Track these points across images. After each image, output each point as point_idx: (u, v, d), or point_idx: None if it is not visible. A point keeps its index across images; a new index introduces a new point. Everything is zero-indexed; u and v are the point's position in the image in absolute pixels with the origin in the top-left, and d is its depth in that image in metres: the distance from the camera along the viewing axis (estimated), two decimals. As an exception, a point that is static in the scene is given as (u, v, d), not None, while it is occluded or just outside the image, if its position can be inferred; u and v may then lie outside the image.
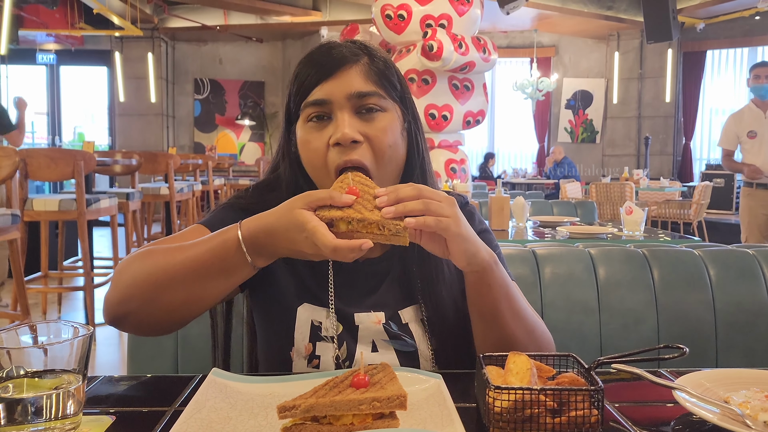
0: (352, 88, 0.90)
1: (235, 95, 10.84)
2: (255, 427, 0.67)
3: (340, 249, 0.73)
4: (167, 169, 5.01)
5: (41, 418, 0.64)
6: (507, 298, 0.88)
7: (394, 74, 0.96)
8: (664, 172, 9.67)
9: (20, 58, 9.58)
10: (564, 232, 2.73)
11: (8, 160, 3.04)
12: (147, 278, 0.82)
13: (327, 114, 0.91)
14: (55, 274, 4.23)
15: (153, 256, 0.84)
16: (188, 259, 0.81)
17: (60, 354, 0.66)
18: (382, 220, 0.75)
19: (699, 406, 0.69)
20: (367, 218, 0.75)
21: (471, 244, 0.82)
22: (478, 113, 4.35)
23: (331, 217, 0.75)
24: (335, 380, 0.67)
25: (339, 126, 0.89)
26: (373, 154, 0.90)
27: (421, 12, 4.06)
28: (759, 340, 1.32)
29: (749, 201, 4.33)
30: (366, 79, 0.92)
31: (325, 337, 0.95)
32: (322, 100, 0.90)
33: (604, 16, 8.76)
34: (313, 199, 0.76)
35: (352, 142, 0.88)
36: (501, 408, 0.61)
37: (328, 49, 0.94)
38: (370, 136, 0.90)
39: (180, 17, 9.64)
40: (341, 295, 0.97)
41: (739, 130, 4.36)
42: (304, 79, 0.92)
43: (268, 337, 1.01)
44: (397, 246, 0.99)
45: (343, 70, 0.91)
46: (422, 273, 0.97)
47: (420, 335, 0.97)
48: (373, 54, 0.95)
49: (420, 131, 1.00)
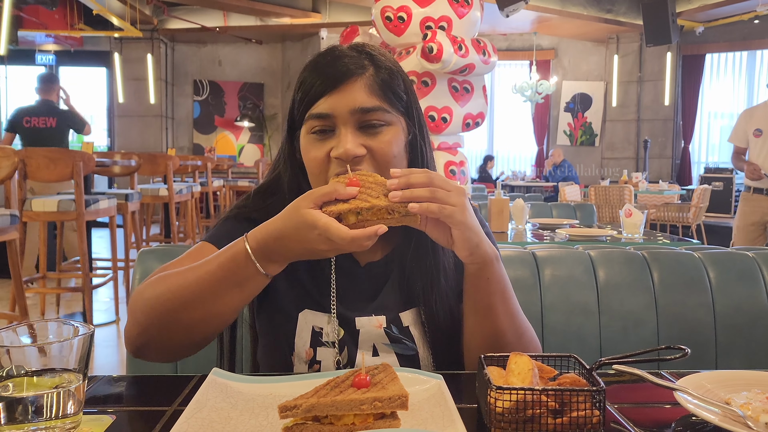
0: (356, 104, 0.89)
1: (234, 97, 10.83)
2: (256, 426, 0.66)
3: (357, 238, 0.74)
4: (166, 170, 5.01)
5: (41, 418, 0.63)
6: (503, 295, 0.89)
7: (400, 84, 0.95)
8: (663, 175, 9.67)
9: (19, 58, 9.56)
10: (563, 234, 2.73)
11: (7, 161, 3.04)
12: (163, 303, 0.83)
13: (330, 127, 0.90)
14: (53, 275, 4.22)
15: (165, 281, 0.85)
16: (200, 278, 0.82)
17: (60, 353, 0.65)
18: (390, 204, 0.76)
19: (700, 408, 0.69)
20: (375, 205, 0.76)
21: (475, 234, 0.83)
22: (478, 115, 4.35)
23: (339, 210, 0.76)
24: (336, 380, 0.67)
25: (341, 142, 0.88)
26: (377, 166, 0.90)
27: (421, 14, 4.06)
28: (759, 343, 1.32)
29: (744, 206, 4.19)
30: (370, 93, 0.91)
31: (326, 342, 0.95)
32: (325, 114, 0.90)
33: (603, 19, 8.77)
34: (318, 195, 0.77)
35: (354, 158, 0.88)
36: (503, 408, 0.61)
37: (333, 59, 0.92)
38: (374, 149, 0.90)
39: (179, 18, 9.64)
40: (342, 299, 0.97)
41: (748, 126, 4.15)
42: (308, 88, 0.92)
43: (269, 343, 1.01)
44: (398, 249, 0.99)
45: (348, 83, 0.90)
46: (422, 275, 0.97)
47: (420, 338, 0.97)
48: (379, 64, 0.94)
49: (426, 141, 0.99)
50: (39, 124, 5.14)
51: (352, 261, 1.00)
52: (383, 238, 0.97)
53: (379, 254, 1.00)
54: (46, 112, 5.17)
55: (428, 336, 0.97)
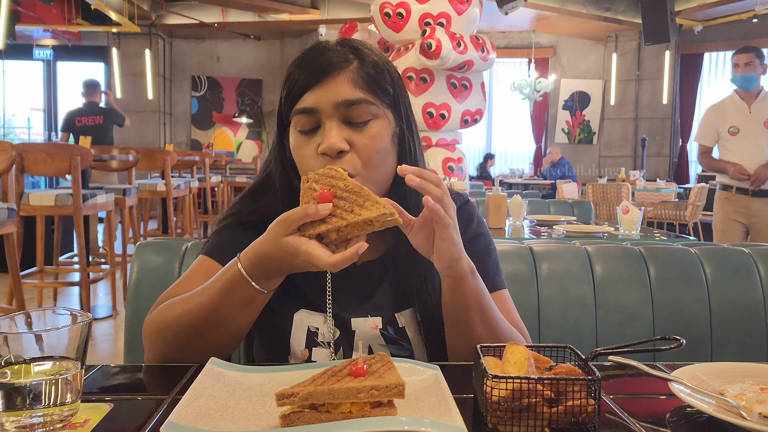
0: (339, 97, 0.88)
1: (232, 93, 10.83)
2: (253, 414, 0.67)
3: (339, 263, 0.74)
4: (164, 165, 5.00)
5: (40, 405, 0.64)
6: (479, 306, 0.88)
7: (386, 78, 0.94)
8: (661, 173, 9.70)
9: (17, 53, 9.55)
10: (561, 230, 2.74)
11: (4, 155, 3.03)
12: (176, 334, 0.85)
13: (316, 122, 0.90)
14: (50, 269, 4.22)
15: (172, 310, 0.87)
16: (204, 305, 0.84)
17: (58, 341, 0.66)
18: (367, 216, 0.73)
19: (695, 398, 0.70)
20: (351, 222, 0.74)
21: (457, 249, 0.83)
22: (476, 112, 4.36)
23: (317, 232, 0.75)
24: (334, 369, 0.68)
25: (326, 136, 0.88)
26: (361, 161, 0.89)
27: (420, 10, 4.07)
28: (753, 337, 1.33)
29: (726, 206, 3.83)
30: (354, 86, 0.90)
31: (322, 343, 0.95)
32: (310, 109, 0.89)
33: (602, 17, 8.78)
34: (291, 221, 0.76)
35: (339, 152, 0.88)
36: (498, 397, 0.61)
37: (317, 53, 0.92)
38: (357, 144, 0.89)
39: (178, 14, 9.62)
40: (338, 299, 0.97)
41: (720, 124, 3.78)
42: (293, 83, 0.91)
43: (265, 343, 1.02)
44: (393, 248, 0.99)
45: (331, 77, 0.89)
46: (417, 273, 0.97)
47: (416, 338, 0.97)
48: (364, 57, 0.93)
49: (414, 135, 0.98)
50: (88, 122, 6.34)
51: None
52: (378, 237, 0.97)
53: (374, 253, 1.00)
54: (93, 112, 6.41)
55: (424, 336, 0.97)
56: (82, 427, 0.65)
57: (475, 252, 0.97)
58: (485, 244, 1.04)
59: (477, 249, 1.01)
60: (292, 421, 0.63)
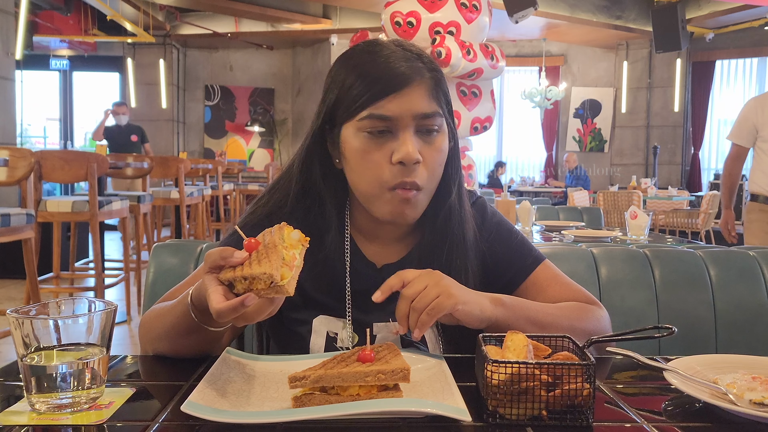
0: (418, 108, 0.88)
1: (245, 102, 10.93)
2: (267, 397, 0.71)
3: (222, 312, 0.69)
4: (178, 173, 5.08)
5: (68, 387, 0.68)
6: (530, 321, 0.89)
7: (447, 90, 0.95)
8: (673, 181, 9.66)
9: (34, 63, 9.69)
10: (569, 236, 2.76)
11: (24, 161, 3.11)
12: (158, 339, 0.89)
13: (389, 129, 0.89)
14: (66, 275, 4.29)
15: (150, 317, 0.91)
16: (169, 325, 0.86)
17: (85, 328, 0.70)
18: (268, 271, 0.68)
19: (688, 386, 0.73)
20: (249, 275, 0.69)
21: (472, 305, 0.84)
22: (486, 119, 4.39)
23: (225, 278, 0.72)
24: (343, 355, 0.72)
25: (404, 145, 0.87)
26: (428, 173, 0.90)
27: (430, 19, 4.11)
28: (759, 340, 1.34)
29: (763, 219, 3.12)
30: (430, 98, 0.90)
31: (341, 348, 0.95)
32: (387, 116, 0.88)
33: (613, 25, 8.79)
34: (210, 261, 0.74)
35: (415, 163, 0.88)
36: (498, 381, 0.65)
37: (386, 58, 0.90)
38: (426, 156, 0.90)
39: (192, 24, 9.75)
40: (358, 304, 0.97)
41: (761, 121, 3.04)
42: (367, 86, 0.88)
43: (282, 349, 1.03)
44: (413, 252, 0.98)
45: (411, 86, 0.88)
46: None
47: (433, 341, 0.98)
48: (433, 67, 0.93)
49: (457, 147, 0.98)
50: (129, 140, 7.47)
51: (367, 263, 0.99)
52: (399, 241, 0.99)
53: (396, 256, 1.00)
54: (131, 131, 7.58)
55: (442, 340, 0.97)
56: (107, 408, 0.69)
57: (501, 239, 1.00)
58: (507, 228, 1.06)
59: (502, 236, 1.03)
60: (303, 403, 0.67)
